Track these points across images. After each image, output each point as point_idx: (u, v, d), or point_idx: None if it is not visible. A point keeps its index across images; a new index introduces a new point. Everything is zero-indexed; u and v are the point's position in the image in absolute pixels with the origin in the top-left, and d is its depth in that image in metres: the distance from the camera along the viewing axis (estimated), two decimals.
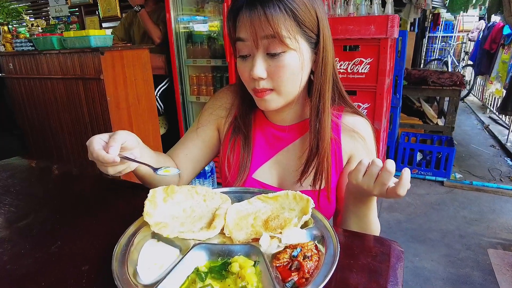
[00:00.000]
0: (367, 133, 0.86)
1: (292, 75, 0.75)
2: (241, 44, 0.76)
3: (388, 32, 2.21)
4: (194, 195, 0.75)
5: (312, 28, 0.75)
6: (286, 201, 0.72)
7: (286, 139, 0.89)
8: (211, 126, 0.96)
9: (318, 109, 0.80)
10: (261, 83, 0.76)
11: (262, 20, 0.70)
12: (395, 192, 0.63)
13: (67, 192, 0.95)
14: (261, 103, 0.80)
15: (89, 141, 0.69)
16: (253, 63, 0.74)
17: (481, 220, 2.52)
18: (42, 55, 2.38)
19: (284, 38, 0.71)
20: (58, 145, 2.62)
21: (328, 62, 0.78)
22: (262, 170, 0.90)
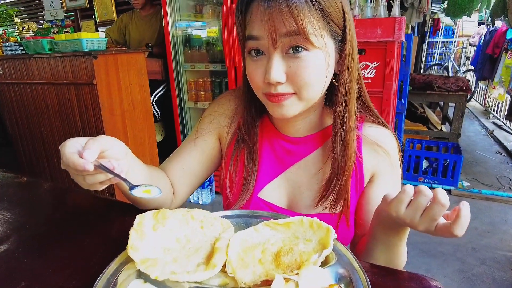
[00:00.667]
0: (392, 147, 0.74)
1: (317, 78, 0.63)
2: (253, 43, 0.63)
3: (395, 35, 2.11)
4: (190, 220, 0.63)
5: (338, 22, 0.63)
6: (300, 229, 0.60)
7: (297, 153, 0.76)
8: (211, 135, 0.83)
9: (343, 118, 0.68)
10: (278, 88, 0.63)
11: (284, 13, 0.57)
12: (449, 231, 0.51)
13: (46, 213, 0.83)
14: (277, 109, 0.66)
15: (62, 144, 0.55)
16: (269, 65, 0.62)
17: (494, 231, 2.40)
18: (32, 59, 2.27)
19: (309, 35, 0.59)
20: (49, 153, 2.49)
21: (354, 62, 0.67)
22: (269, 189, 0.78)
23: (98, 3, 3.84)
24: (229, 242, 0.58)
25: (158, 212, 0.63)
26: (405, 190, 0.54)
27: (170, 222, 0.62)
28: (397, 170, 0.74)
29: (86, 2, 3.94)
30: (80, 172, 0.53)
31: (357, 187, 0.74)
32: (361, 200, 0.75)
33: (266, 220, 0.62)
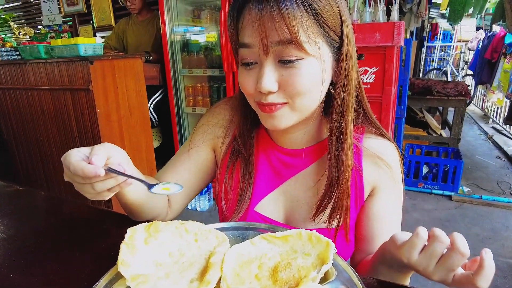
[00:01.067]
0: (394, 160, 0.70)
1: (311, 87, 0.60)
2: (246, 51, 0.61)
3: (394, 40, 2.10)
4: (184, 233, 0.61)
5: (335, 29, 0.60)
6: (299, 242, 0.57)
7: (295, 165, 0.73)
8: (205, 147, 0.80)
9: (339, 130, 0.65)
10: (269, 97, 0.60)
11: (276, 19, 0.55)
12: (471, 283, 0.45)
13: (36, 225, 0.80)
14: (269, 120, 0.63)
15: (64, 156, 0.53)
16: (260, 73, 0.59)
17: (495, 238, 2.38)
18: (28, 64, 2.25)
19: (303, 43, 0.56)
20: (45, 159, 2.46)
21: (352, 71, 0.63)
22: (266, 202, 0.74)
23: (96, 8, 3.83)
24: (224, 257, 0.55)
25: (151, 225, 0.60)
26: (418, 234, 0.49)
27: (162, 235, 0.60)
28: (399, 184, 0.71)
29: (84, 7, 3.93)
30: (90, 179, 0.51)
31: (357, 201, 0.71)
32: (361, 214, 0.72)
33: (263, 233, 0.60)
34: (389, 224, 0.70)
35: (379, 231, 0.70)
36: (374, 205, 0.70)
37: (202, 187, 0.84)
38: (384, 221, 0.70)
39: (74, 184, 0.55)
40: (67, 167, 0.52)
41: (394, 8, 2.25)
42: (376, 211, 0.70)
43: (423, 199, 2.98)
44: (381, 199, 0.70)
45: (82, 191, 0.55)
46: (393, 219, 0.70)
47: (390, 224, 0.70)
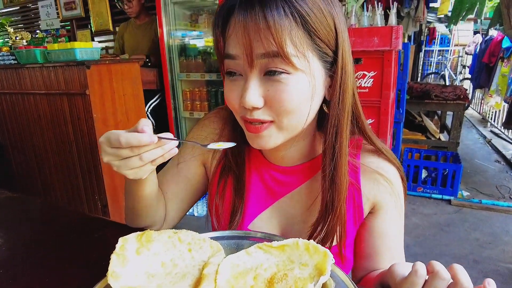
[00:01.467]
0: (393, 175, 0.67)
1: (298, 104, 0.55)
2: (231, 63, 0.57)
3: (392, 44, 2.09)
4: (177, 243, 0.59)
5: (328, 42, 0.56)
6: (295, 252, 0.55)
7: (289, 183, 0.70)
8: (195, 161, 0.77)
9: (334, 151, 0.61)
10: (254, 113, 0.56)
11: (262, 29, 0.50)
12: None
13: (24, 233, 0.78)
14: (255, 140, 0.60)
15: (104, 136, 0.52)
16: (244, 87, 0.55)
17: (495, 243, 2.36)
18: (24, 69, 2.23)
19: (290, 56, 0.52)
20: (41, 165, 2.44)
21: (347, 88, 0.58)
22: (260, 221, 0.71)
23: (94, 13, 3.83)
24: (218, 268, 0.53)
25: (143, 234, 0.58)
26: (418, 272, 0.44)
27: (155, 245, 0.58)
28: (400, 201, 0.68)
29: (82, 12, 3.93)
30: (139, 149, 0.51)
31: (355, 219, 0.68)
32: (363, 231, 0.69)
33: (259, 242, 0.58)
34: (392, 241, 0.68)
35: (381, 248, 0.67)
36: (376, 222, 0.67)
37: (194, 201, 0.81)
38: (386, 239, 0.67)
39: (115, 163, 0.53)
40: (114, 141, 0.51)
41: (392, 12, 2.25)
42: (378, 229, 0.67)
43: (422, 203, 2.96)
44: (383, 217, 0.67)
45: (126, 166, 0.53)
46: (396, 236, 0.68)
47: (392, 241, 0.68)
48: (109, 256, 0.52)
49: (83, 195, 2.30)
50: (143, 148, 0.51)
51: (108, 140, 0.52)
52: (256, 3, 0.51)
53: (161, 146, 0.53)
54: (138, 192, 0.65)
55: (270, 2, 0.51)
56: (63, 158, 2.29)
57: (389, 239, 0.68)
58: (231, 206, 0.72)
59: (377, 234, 0.68)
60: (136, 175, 0.55)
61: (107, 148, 0.53)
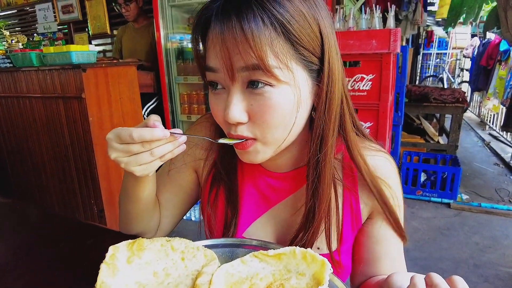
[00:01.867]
0: (391, 176, 0.64)
1: (283, 119, 0.53)
2: (211, 75, 0.55)
3: (390, 46, 2.08)
4: (170, 252, 0.57)
5: (313, 49, 0.53)
6: (293, 261, 0.53)
7: (283, 189, 0.68)
8: (186, 169, 0.75)
9: (317, 160, 0.58)
10: (239, 129, 0.54)
11: (240, 42, 0.48)
12: None
13: (14, 241, 0.76)
14: (244, 155, 0.59)
15: (112, 133, 0.52)
16: (227, 102, 0.53)
17: (495, 246, 2.34)
18: (20, 72, 2.21)
19: (272, 68, 0.49)
20: (37, 168, 2.41)
21: (333, 96, 0.56)
22: (255, 228, 0.69)
23: (92, 16, 3.82)
24: (212, 278, 0.51)
25: (134, 243, 0.56)
26: (416, 286, 0.43)
27: (147, 253, 0.56)
28: (399, 203, 0.66)
29: (79, 15, 3.92)
30: (151, 144, 0.51)
31: (353, 224, 0.66)
32: (361, 237, 0.67)
33: (255, 250, 0.56)
34: (391, 246, 0.66)
35: (381, 254, 0.66)
36: (375, 228, 0.65)
37: (188, 208, 0.79)
38: (385, 244, 0.66)
39: (123, 159, 0.52)
40: (124, 136, 0.50)
41: (390, 15, 2.24)
42: (376, 234, 0.65)
43: (422, 207, 2.95)
44: (381, 222, 0.65)
45: (136, 163, 0.52)
46: (395, 241, 0.66)
47: (392, 246, 0.66)
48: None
49: (79, 199, 2.27)
50: (155, 143, 0.51)
51: (117, 136, 0.51)
52: (232, 14, 0.49)
53: (171, 141, 0.53)
54: (137, 194, 0.63)
55: (247, 13, 0.48)
56: (59, 162, 2.27)
57: (388, 244, 0.66)
58: (224, 216, 0.70)
59: (375, 240, 0.66)
60: (144, 171, 0.54)
61: (116, 144, 0.51)
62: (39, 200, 2.51)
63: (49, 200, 2.45)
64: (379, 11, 2.24)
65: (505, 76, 4.91)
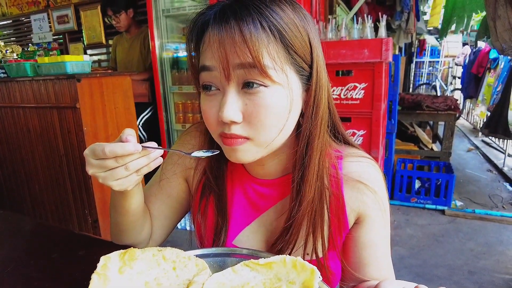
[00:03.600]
0: (376, 181, 0.65)
1: (276, 119, 0.55)
2: (207, 75, 0.56)
3: (382, 55, 2.11)
4: (161, 261, 0.57)
5: (304, 56, 0.56)
6: (283, 270, 0.54)
7: (272, 196, 0.69)
8: (176, 178, 0.75)
9: (303, 165, 0.60)
10: (232, 128, 0.55)
11: (238, 42, 0.51)
12: None
13: (3, 253, 0.75)
14: (232, 154, 0.59)
15: (88, 149, 0.53)
16: (223, 101, 0.55)
17: (490, 253, 2.35)
18: (14, 82, 2.21)
19: (267, 68, 0.52)
20: (30, 179, 2.39)
21: (320, 102, 0.59)
22: (244, 236, 0.70)
23: (87, 27, 3.84)
24: (203, 287, 0.51)
25: (126, 253, 0.56)
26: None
27: (138, 263, 0.56)
28: (385, 208, 0.67)
29: (75, 25, 3.93)
30: (124, 159, 0.51)
31: (340, 230, 0.66)
32: (349, 242, 0.68)
33: (246, 259, 0.56)
34: (379, 250, 0.67)
35: (369, 259, 0.66)
36: (362, 233, 0.66)
37: (180, 217, 0.80)
38: (373, 248, 0.66)
39: (101, 174, 0.53)
40: (98, 152, 0.51)
41: (382, 25, 2.28)
42: (364, 239, 0.66)
43: (416, 214, 2.96)
44: (368, 227, 0.66)
45: (112, 177, 0.53)
46: (383, 245, 0.67)
47: (379, 250, 0.67)
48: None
49: (73, 210, 2.26)
50: (128, 158, 0.52)
51: (93, 152, 0.52)
52: (232, 17, 0.52)
53: (146, 155, 0.54)
54: (124, 206, 0.64)
55: (246, 17, 0.52)
56: (53, 172, 2.25)
57: (376, 249, 0.67)
58: (214, 224, 0.71)
59: (363, 245, 0.66)
60: (122, 186, 0.55)
61: (92, 160, 0.53)
62: (32, 211, 2.48)
63: (43, 211, 2.43)
64: (371, 21, 2.28)
65: (492, 83, 4.99)
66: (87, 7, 3.77)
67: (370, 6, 4.59)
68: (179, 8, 2.60)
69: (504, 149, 4.25)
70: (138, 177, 0.56)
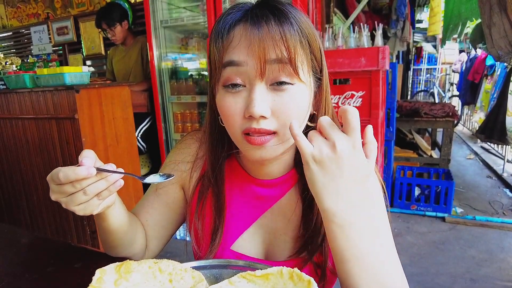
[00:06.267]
0: None
1: (299, 115, 0.58)
2: (233, 70, 0.56)
3: (379, 64, 2.13)
4: (157, 274, 0.57)
5: (318, 61, 0.61)
6: (280, 281, 0.53)
7: (270, 197, 0.70)
8: (173, 186, 0.76)
9: None
10: (261, 123, 0.56)
11: (277, 39, 0.54)
12: None
13: (5, 263, 0.75)
14: (257, 151, 0.59)
15: (50, 174, 0.52)
16: (252, 96, 0.55)
17: (491, 260, 2.33)
18: (13, 93, 2.22)
19: (298, 66, 0.56)
20: (28, 190, 2.39)
21: (329, 104, 0.64)
22: (243, 240, 0.70)
23: (86, 38, 3.87)
24: None
25: (122, 265, 0.56)
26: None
27: (134, 276, 0.56)
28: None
29: (74, 37, 3.97)
30: (81, 183, 0.50)
31: None
32: None
33: (242, 271, 0.56)
34: None
35: None
36: None
37: (177, 227, 0.80)
38: None
39: (63, 200, 0.53)
40: (55, 178, 0.50)
41: (378, 34, 2.30)
42: None
43: (417, 221, 2.94)
44: None
45: (73, 202, 0.53)
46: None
47: None
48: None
49: (71, 221, 2.24)
50: (85, 182, 0.51)
51: (51, 177, 0.52)
52: (270, 15, 0.55)
53: (104, 178, 0.53)
54: (104, 227, 0.64)
55: (283, 18, 0.55)
56: None
57: None
58: (211, 230, 0.71)
59: None
60: (85, 210, 0.54)
61: (53, 186, 0.52)
62: (30, 222, 2.47)
63: (41, 222, 2.41)
64: (367, 30, 2.30)
65: (490, 90, 5.02)
66: (86, 18, 3.81)
67: (367, 14, 4.64)
68: (177, 19, 2.63)
69: (503, 155, 4.25)
70: (101, 201, 0.55)
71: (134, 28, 3.18)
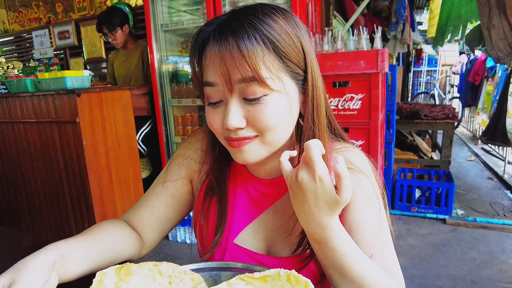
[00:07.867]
0: (364, 166, 0.68)
1: (278, 121, 0.60)
2: (210, 90, 0.61)
3: (378, 66, 2.14)
4: (157, 276, 0.57)
5: (298, 62, 0.61)
6: (278, 283, 0.54)
7: (272, 195, 0.72)
8: (181, 180, 0.78)
9: None
10: (239, 133, 0.60)
11: (236, 57, 0.55)
12: None
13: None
14: (238, 154, 0.62)
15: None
16: (226, 111, 0.59)
17: (492, 262, 2.33)
18: (15, 98, 2.24)
19: (265, 79, 0.56)
20: (29, 193, 2.40)
21: (320, 102, 0.63)
22: (246, 234, 0.72)
23: (87, 42, 3.90)
24: None
25: (122, 268, 0.57)
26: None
27: (134, 278, 0.56)
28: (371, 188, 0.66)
29: (75, 41, 3.99)
30: None
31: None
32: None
33: (241, 273, 0.57)
34: (367, 232, 0.64)
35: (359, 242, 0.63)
36: (349, 216, 0.64)
37: (180, 219, 0.81)
38: (359, 231, 0.64)
39: None
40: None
41: (377, 36, 2.31)
42: (351, 222, 0.64)
43: (417, 223, 2.94)
44: (351, 209, 0.64)
45: None
46: (370, 225, 0.64)
47: (367, 232, 0.64)
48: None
49: (72, 224, 2.25)
50: None
51: None
52: (229, 34, 0.56)
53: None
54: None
55: (242, 33, 0.56)
56: (52, 186, 2.26)
57: (362, 231, 0.64)
58: (216, 226, 0.73)
59: (352, 228, 0.64)
60: None
61: None
62: (31, 225, 2.48)
63: (42, 225, 2.42)
64: (366, 32, 2.31)
65: (492, 92, 5.02)
66: (87, 22, 3.83)
67: (366, 17, 4.66)
68: (177, 22, 2.65)
69: (504, 156, 4.24)
70: None
71: (134, 32, 3.19)
